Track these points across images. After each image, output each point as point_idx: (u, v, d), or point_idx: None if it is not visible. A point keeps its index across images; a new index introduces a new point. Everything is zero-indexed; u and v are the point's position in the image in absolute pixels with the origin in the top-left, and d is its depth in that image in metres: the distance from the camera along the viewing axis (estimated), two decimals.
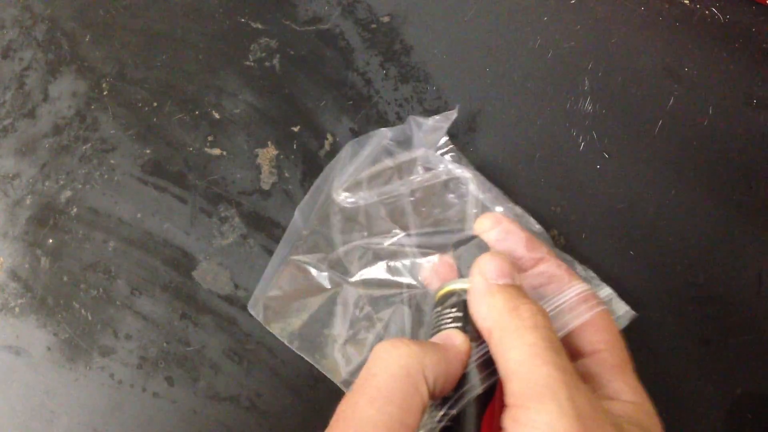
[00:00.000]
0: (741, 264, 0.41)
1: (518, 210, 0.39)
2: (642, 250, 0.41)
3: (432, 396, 0.26)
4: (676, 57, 0.45)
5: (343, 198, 0.40)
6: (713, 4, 0.46)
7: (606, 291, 0.36)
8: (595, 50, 0.46)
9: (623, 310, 0.36)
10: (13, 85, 0.49)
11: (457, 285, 0.31)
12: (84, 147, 0.47)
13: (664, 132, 0.44)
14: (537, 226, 0.39)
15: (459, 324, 0.29)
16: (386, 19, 0.48)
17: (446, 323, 0.29)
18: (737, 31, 0.45)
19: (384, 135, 0.41)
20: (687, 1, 0.46)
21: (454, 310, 0.30)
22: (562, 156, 0.44)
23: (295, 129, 0.46)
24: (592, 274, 0.38)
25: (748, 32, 0.45)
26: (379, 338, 0.37)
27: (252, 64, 0.48)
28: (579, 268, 0.38)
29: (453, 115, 0.41)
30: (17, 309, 0.44)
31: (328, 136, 0.46)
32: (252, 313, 0.40)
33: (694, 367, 0.39)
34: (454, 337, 0.28)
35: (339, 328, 0.38)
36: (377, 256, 0.39)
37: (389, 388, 0.25)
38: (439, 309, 0.31)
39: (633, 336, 0.32)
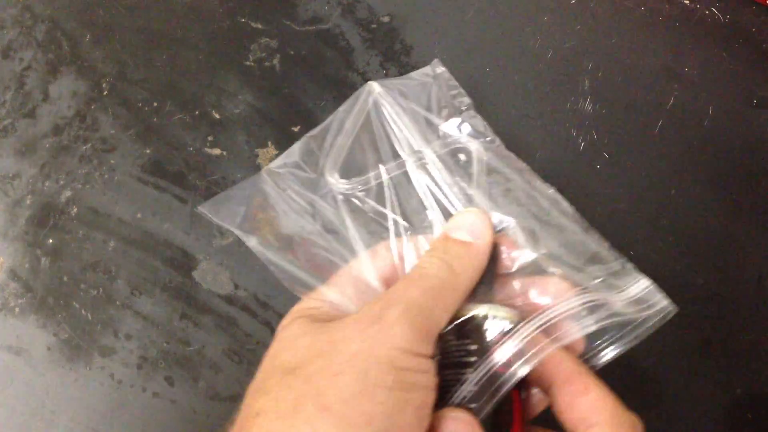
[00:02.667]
0: (741, 264, 0.41)
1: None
2: (642, 250, 0.41)
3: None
4: (676, 57, 0.45)
5: (337, 183, 0.36)
6: (713, 4, 0.46)
7: (641, 284, 0.31)
8: (595, 50, 0.46)
9: (662, 305, 0.30)
10: (13, 85, 0.49)
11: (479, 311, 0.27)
12: (84, 147, 0.47)
13: (664, 132, 0.44)
14: (550, 191, 0.35)
15: (474, 358, 0.26)
16: (386, 19, 0.48)
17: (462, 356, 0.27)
18: (737, 31, 0.45)
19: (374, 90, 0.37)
20: (687, 1, 0.46)
21: (468, 341, 0.27)
22: (562, 156, 0.44)
23: (295, 129, 0.46)
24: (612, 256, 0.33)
25: (748, 32, 0.45)
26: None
27: (252, 64, 0.48)
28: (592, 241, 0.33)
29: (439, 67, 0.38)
30: (17, 309, 0.44)
31: None
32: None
33: (694, 367, 0.39)
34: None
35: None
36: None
37: (438, 290, 0.26)
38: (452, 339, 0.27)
39: None
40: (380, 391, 0.22)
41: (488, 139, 0.37)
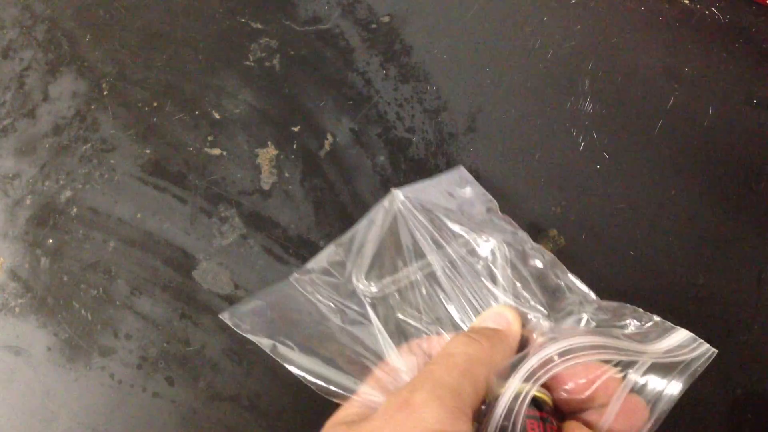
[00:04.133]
0: (741, 264, 0.41)
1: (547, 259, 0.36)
2: (642, 250, 0.41)
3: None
4: (676, 57, 0.45)
5: (366, 287, 0.37)
6: (713, 4, 0.46)
7: (682, 336, 0.31)
8: (595, 50, 0.46)
9: (702, 349, 0.30)
10: (13, 85, 0.49)
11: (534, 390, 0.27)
12: (84, 147, 0.47)
13: (664, 132, 0.44)
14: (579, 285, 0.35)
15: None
16: (386, 19, 0.48)
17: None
18: (737, 31, 0.45)
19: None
20: (687, 1, 0.46)
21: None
22: (562, 156, 0.44)
23: (295, 129, 0.46)
24: (653, 319, 0.32)
25: (748, 32, 0.45)
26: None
27: (252, 64, 0.48)
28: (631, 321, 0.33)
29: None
30: (17, 309, 0.44)
31: (328, 136, 0.46)
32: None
33: None
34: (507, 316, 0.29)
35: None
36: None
37: (465, 366, 0.26)
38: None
39: None
40: None
41: (514, 232, 0.38)
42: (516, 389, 0.26)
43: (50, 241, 0.45)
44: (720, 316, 0.40)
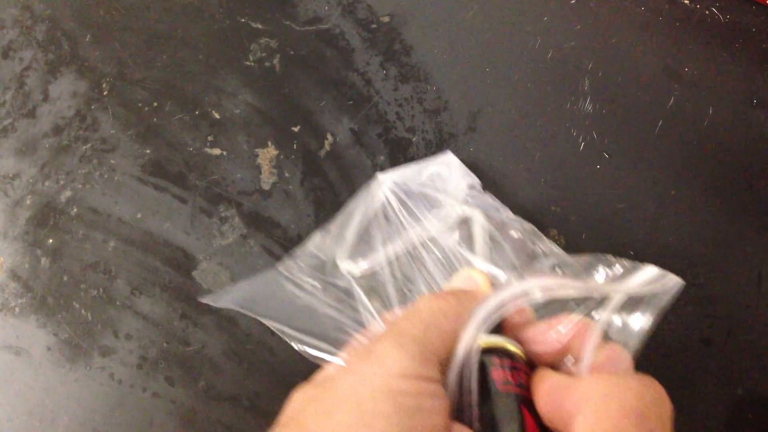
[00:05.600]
0: (741, 264, 0.41)
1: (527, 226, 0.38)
2: (642, 250, 0.41)
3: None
4: (676, 57, 0.45)
5: (350, 266, 0.39)
6: (713, 4, 0.46)
7: (650, 272, 0.30)
8: (595, 50, 0.46)
9: (670, 281, 0.29)
10: (13, 85, 0.49)
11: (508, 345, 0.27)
12: (84, 147, 0.47)
13: (664, 132, 0.44)
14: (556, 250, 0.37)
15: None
16: (386, 19, 0.48)
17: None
18: (737, 31, 0.45)
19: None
20: (687, 1, 0.46)
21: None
22: (562, 156, 0.44)
23: (295, 129, 0.46)
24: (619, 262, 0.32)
25: (748, 32, 0.45)
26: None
27: (252, 64, 0.48)
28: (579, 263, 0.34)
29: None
30: (17, 309, 0.44)
31: (328, 136, 0.46)
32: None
33: (694, 367, 0.39)
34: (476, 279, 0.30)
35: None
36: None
37: (430, 319, 0.26)
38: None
39: None
40: (379, 420, 0.21)
41: (494, 206, 0.40)
42: (474, 333, 0.26)
43: (50, 241, 0.45)
44: (720, 316, 0.40)
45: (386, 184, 0.40)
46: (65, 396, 0.42)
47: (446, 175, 0.41)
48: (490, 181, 0.41)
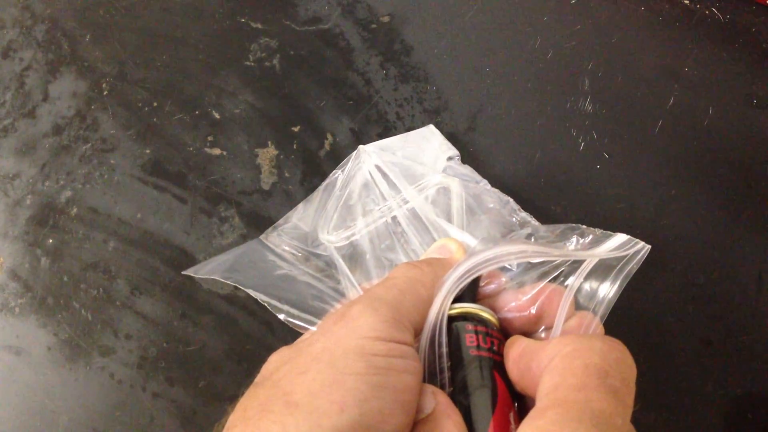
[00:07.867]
0: (741, 264, 0.41)
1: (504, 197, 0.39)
2: None
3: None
4: (676, 57, 0.45)
5: (331, 236, 0.39)
6: (713, 4, 0.46)
7: (619, 238, 0.30)
8: (595, 50, 0.46)
9: (637, 247, 0.29)
10: (13, 85, 0.49)
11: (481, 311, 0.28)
12: (84, 147, 0.47)
13: (664, 132, 0.44)
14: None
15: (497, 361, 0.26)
16: (386, 19, 0.48)
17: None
18: (737, 31, 0.45)
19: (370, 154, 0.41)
20: (687, 1, 0.46)
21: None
22: (562, 156, 0.44)
23: (295, 129, 0.46)
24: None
25: (748, 32, 0.45)
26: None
27: (252, 64, 0.48)
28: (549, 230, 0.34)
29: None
30: (17, 309, 0.44)
31: (328, 136, 0.46)
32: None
33: (694, 367, 0.39)
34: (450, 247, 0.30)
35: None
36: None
37: (405, 286, 0.26)
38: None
39: (633, 335, 0.32)
40: (350, 378, 0.22)
41: (473, 178, 0.41)
42: (444, 296, 0.27)
43: (50, 241, 0.45)
44: (720, 316, 0.40)
45: (368, 155, 0.41)
46: (65, 396, 0.42)
47: (426, 146, 0.42)
48: (490, 181, 0.41)
